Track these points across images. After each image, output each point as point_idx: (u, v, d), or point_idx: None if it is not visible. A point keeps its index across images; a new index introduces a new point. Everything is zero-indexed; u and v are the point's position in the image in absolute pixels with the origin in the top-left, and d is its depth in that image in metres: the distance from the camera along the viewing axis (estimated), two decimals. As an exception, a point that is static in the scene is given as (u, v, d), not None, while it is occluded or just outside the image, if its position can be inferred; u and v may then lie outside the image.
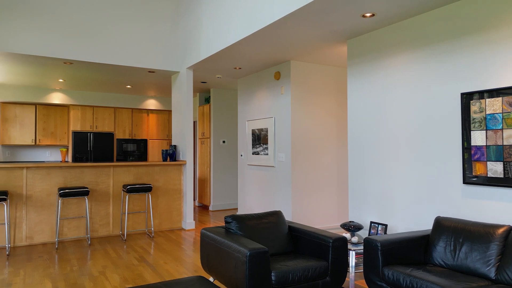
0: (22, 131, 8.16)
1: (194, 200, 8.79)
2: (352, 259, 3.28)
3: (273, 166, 5.84)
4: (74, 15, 5.47)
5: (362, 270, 3.20)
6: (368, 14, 3.67)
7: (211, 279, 3.42)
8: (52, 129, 8.50)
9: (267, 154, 5.97)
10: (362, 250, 3.34)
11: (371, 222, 3.97)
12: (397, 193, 3.90)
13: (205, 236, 3.26)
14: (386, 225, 3.81)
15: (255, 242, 2.88)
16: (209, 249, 3.17)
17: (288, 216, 5.52)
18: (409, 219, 3.77)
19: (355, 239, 3.53)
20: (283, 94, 5.65)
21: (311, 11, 3.59)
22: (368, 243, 2.95)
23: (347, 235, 3.69)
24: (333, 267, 2.99)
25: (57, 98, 8.30)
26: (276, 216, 3.46)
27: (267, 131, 5.98)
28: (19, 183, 5.02)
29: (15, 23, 5.09)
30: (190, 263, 4.22)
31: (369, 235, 4.00)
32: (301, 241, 3.30)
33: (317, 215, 5.69)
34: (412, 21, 3.76)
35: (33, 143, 8.27)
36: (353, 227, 3.71)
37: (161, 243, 5.16)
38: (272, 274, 2.73)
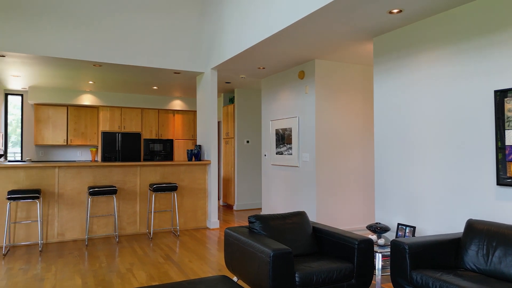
0: (54, 132, 8.48)
1: (218, 199, 8.87)
2: (378, 261, 3.21)
3: (297, 166, 5.80)
4: (102, 20, 5.63)
5: (389, 273, 3.11)
6: (395, 10, 3.57)
7: (235, 278, 3.43)
8: (83, 129, 8.79)
9: (291, 154, 5.94)
10: (389, 253, 3.26)
11: (399, 224, 3.87)
12: (426, 194, 3.78)
13: (229, 236, 3.28)
14: (414, 227, 3.69)
15: (279, 243, 2.86)
16: (233, 249, 3.18)
17: (312, 217, 5.47)
18: (438, 221, 3.64)
19: (381, 241, 3.45)
20: (307, 93, 5.60)
21: (336, 9, 3.53)
22: (395, 245, 2.87)
23: (373, 237, 3.61)
24: (358, 270, 2.93)
25: (87, 99, 8.57)
26: (300, 216, 3.43)
27: (291, 131, 5.95)
28: (52, 181, 5.22)
29: (47, 28, 5.29)
30: (214, 262, 4.25)
31: (396, 237, 3.90)
32: (326, 242, 3.25)
33: (342, 216, 5.60)
34: (441, 17, 3.63)
35: (65, 143, 8.58)
36: (379, 229, 3.63)
37: (186, 241, 5.23)
38: (296, 275, 2.71)
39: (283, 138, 6.16)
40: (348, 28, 4.07)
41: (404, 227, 3.79)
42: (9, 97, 8.59)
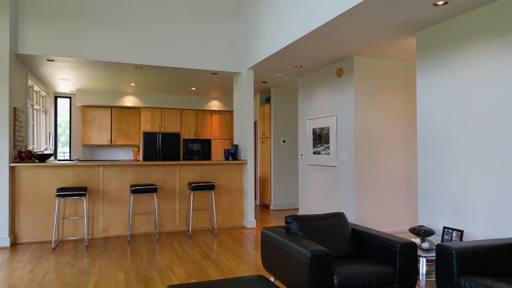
0: (99, 132, 8.89)
1: (255, 199, 8.89)
2: (422, 266, 3.06)
3: (335, 166, 5.68)
4: (143, 24, 5.82)
5: (434, 279, 2.96)
6: (440, 3, 3.39)
7: (272, 278, 3.41)
8: (125, 130, 9.15)
9: (328, 153, 5.82)
10: (434, 257, 3.10)
11: (445, 228, 3.67)
12: (475, 196, 3.55)
13: (266, 236, 3.26)
14: (461, 231, 3.49)
15: (316, 244, 2.80)
16: (270, 249, 3.16)
17: (351, 218, 5.33)
18: (489, 225, 3.41)
19: (425, 245, 3.29)
20: (346, 91, 5.46)
21: (376, 3, 3.41)
22: (441, 250, 2.72)
23: (416, 240, 3.45)
24: (401, 274, 2.80)
25: (129, 101, 8.91)
26: (338, 217, 3.35)
27: (328, 130, 5.83)
28: (97, 179, 5.47)
29: (92, 33, 5.55)
30: (251, 262, 4.26)
31: (442, 241, 3.70)
32: (365, 244, 3.15)
33: (383, 218, 5.41)
34: (489, 8, 3.40)
35: (109, 143, 8.97)
36: (423, 232, 3.46)
37: (224, 240, 5.28)
38: (335, 277, 2.64)
39: (320, 138, 6.06)
40: (389, 22, 3.92)
41: (451, 230, 3.59)
42: (59, 99, 9.12)
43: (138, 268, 4.01)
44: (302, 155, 6.70)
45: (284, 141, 8.02)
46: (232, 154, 6.41)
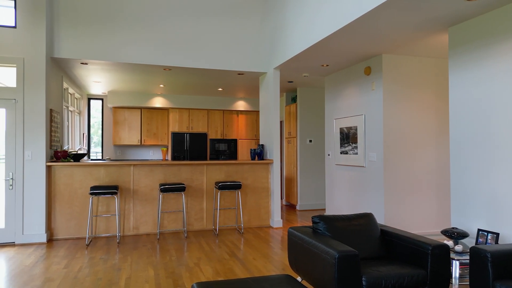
0: (130, 133, 9.16)
1: (281, 199, 8.88)
2: (455, 269, 2.96)
3: (363, 166, 5.58)
4: (171, 26, 5.95)
5: (468, 283, 2.86)
6: (473, -4, 3.27)
7: (299, 278, 3.40)
8: (155, 130, 9.37)
9: (356, 153, 5.73)
10: (467, 261, 2.99)
11: (479, 230, 3.53)
12: (511, 198, 3.40)
13: (293, 235, 3.25)
14: (497, 234, 3.35)
15: (344, 244, 2.77)
16: (297, 249, 3.15)
17: (381, 219, 5.22)
18: (527, 228, 3.25)
19: (459, 248, 3.18)
20: (374, 90, 5.36)
21: (405, -1, 3.33)
22: (475, 253, 2.62)
23: (449, 242, 3.34)
24: (432, 277, 2.72)
25: (158, 102, 9.12)
26: (366, 218, 3.29)
27: (356, 130, 5.74)
28: (127, 178, 5.63)
29: (123, 37, 5.72)
30: (278, 261, 4.26)
31: (476, 244, 3.56)
32: (395, 246, 3.08)
33: (413, 220, 5.27)
34: (531, -1, 3.24)
35: (139, 143, 9.22)
36: (456, 234, 3.35)
37: (250, 239, 5.31)
38: (363, 278, 2.60)
39: (347, 137, 5.97)
40: (420, 18, 3.82)
41: (486, 233, 3.45)
42: (91, 101, 9.46)
43: (167, 265, 4.10)
44: (329, 155, 6.63)
45: (310, 141, 7.97)
46: (258, 154, 6.43)
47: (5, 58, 5.06)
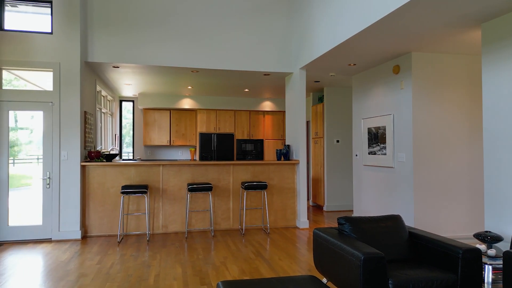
0: (159, 133, 9.40)
1: (308, 199, 8.82)
2: (488, 274, 2.85)
3: (391, 167, 5.46)
4: (198, 29, 6.06)
5: (502, 289, 2.75)
6: (508, -10, 3.14)
7: (324, 280, 3.39)
8: (183, 131, 9.57)
9: (385, 154, 5.62)
10: (501, 265, 2.87)
11: (514, 234, 3.38)
12: (550, 201, 3.23)
13: (318, 236, 3.24)
14: (535, 239, 3.19)
15: (370, 246, 2.74)
16: (322, 250, 3.14)
17: (410, 222, 5.09)
18: None
19: (492, 252, 3.06)
20: (403, 89, 5.24)
21: (434, -4, 3.24)
22: (509, 257, 2.52)
23: (481, 246, 3.22)
24: (463, 282, 2.64)
25: (186, 103, 9.31)
26: (394, 220, 3.23)
27: (384, 129, 5.63)
28: (157, 178, 5.79)
29: (152, 41, 5.89)
30: (304, 262, 4.25)
31: (511, 248, 3.41)
32: (423, 249, 3.01)
33: (445, 222, 5.10)
34: None
35: (168, 144, 9.44)
36: (489, 238, 3.22)
37: (276, 239, 5.32)
38: (390, 281, 2.56)
39: (376, 137, 5.87)
40: (452, 15, 3.70)
41: (522, 238, 3.30)
42: (123, 103, 9.78)
43: (194, 264, 4.19)
44: (356, 155, 6.53)
45: (337, 141, 7.88)
46: (284, 154, 6.43)
47: (43, 63, 5.34)
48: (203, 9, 6.08)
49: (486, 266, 2.88)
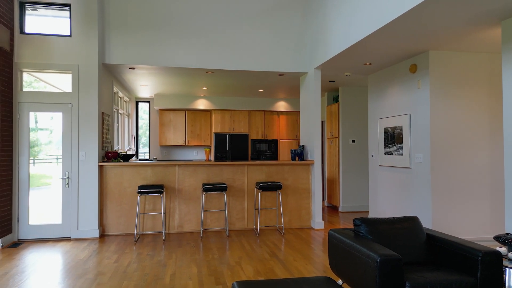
0: (175, 134, 9.49)
1: (323, 200, 8.77)
2: (509, 278, 2.78)
3: (408, 168, 5.38)
4: (212, 31, 6.09)
5: (524, 294, 2.68)
6: (530, -14, 3.05)
7: (339, 281, 3.36)
8: (198, 131, 9.64)
9: (401, 154, 5.54)
10: (523, 270, 2.79)
11: (537, 237, 3.28)
12: None
13: (333, 238, 3.22)
14: (558, 242, 3.09)
15: (387, 248, 2.70)
16: (337, 251, 3.12)
17: (427, 223, 5.01)
18: None
19: (513, 256, 2.98)
20: (421, 88, 5.15)
21: (452, -7, 3.17)
22: (531, 261, 2.45)
23: (502, 249, 3.14)
24: (483, 286, 2.58)
25: (201, 104, 9.37)
26: (411, 222, 3.18)
27: (401, 129, 5.55)
28: (172, 178, 5.85)
29: (168, 43, 5.95)
30: (319, 263, 4.23)
31: (533, 252, 3.31)
32: (441, 251, 2.95)
33: (464, 224, 5.00)
34: None
35: (183, 144, 9.53)
36: (510, 241, 3.14)
37: (291, 240, 5.31)
38: (407, 284, 2.52)
39: (392, 137, 5.79)
40: (470, 12, 3.62)
41: (545, 241, 3.20)
42: (139, 104, 9.92)
43: (209, 263, 4.22)
44: (372, 155, 6.46)
45: (353, 141, 7.80)
46: (299, 154, 6.41)
47: (62, 65, 5.46)
48: (218, 10, 6.11)
49: (507, 269, 2.81)
